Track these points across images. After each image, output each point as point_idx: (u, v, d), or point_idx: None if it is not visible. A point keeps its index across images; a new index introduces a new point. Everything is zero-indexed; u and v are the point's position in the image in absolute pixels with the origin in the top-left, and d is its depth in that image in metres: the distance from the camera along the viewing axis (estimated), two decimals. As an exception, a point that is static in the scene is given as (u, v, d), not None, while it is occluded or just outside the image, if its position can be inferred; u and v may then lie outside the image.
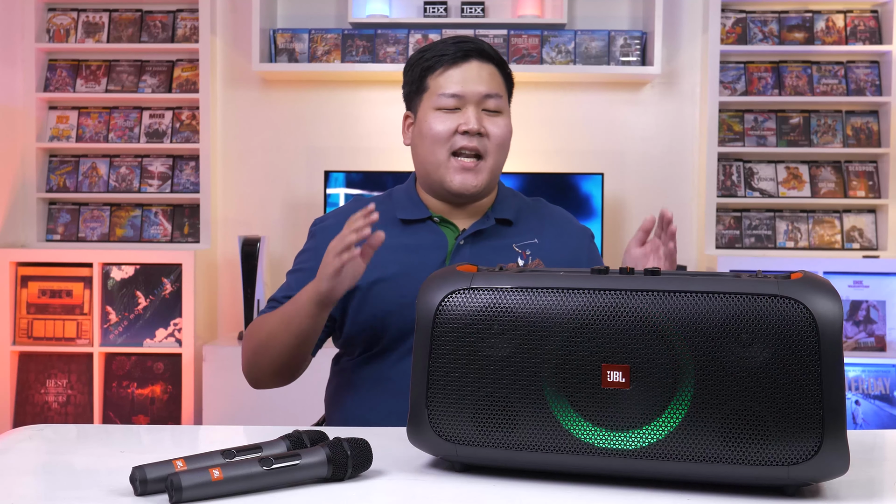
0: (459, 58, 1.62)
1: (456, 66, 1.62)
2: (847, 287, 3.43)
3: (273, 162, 3.78)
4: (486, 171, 1.62)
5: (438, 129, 1.61)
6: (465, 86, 1.61)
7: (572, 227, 1.74)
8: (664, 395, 1.00)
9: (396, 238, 1.64)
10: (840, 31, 3.70)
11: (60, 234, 3.75)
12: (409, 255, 1.62)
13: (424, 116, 1.64)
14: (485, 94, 1.62)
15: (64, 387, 3.49)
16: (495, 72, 1.65)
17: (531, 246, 1.66)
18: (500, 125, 1.64)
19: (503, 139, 1.64)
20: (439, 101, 1.62)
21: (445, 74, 1.62)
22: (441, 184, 1.63)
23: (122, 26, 3.73)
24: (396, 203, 1.70)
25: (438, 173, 1.62)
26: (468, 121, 1.60)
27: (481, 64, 1.63)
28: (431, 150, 1.62)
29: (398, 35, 3.64)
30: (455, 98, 1.61)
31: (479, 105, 1.62)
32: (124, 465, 1.05)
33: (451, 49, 1.63)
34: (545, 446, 1.04)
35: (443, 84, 1.62)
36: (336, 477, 1.04)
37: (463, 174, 1.61)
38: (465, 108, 1.61)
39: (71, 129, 3.74)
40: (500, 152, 1.64)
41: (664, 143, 3.76)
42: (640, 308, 1.02)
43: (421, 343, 1.09)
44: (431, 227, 1.67)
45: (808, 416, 0.97)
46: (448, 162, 1.61)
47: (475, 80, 1.61)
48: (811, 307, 0.98)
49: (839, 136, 3.69)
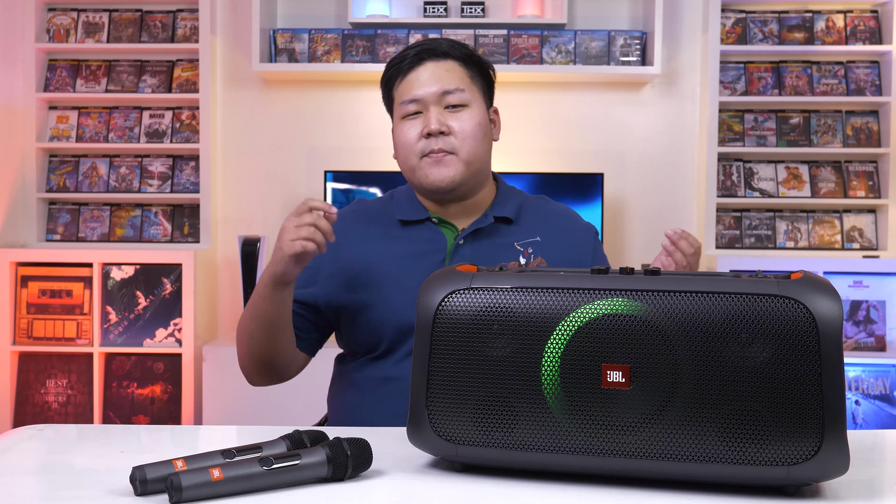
0: (415, 62, 1.63)
1: (412, 71, 1.63)
2: (847, 287, 3.43)
3: (273, 162, 3.78)
4: (460, 163, 1.61)
5: (406, 136, 1.63)
6: (419, 88, 1.62)
7: (576, 225, 1.73)
8: (664, 395, 1.00)
9: (395, 239, 1.64)
10: (840, 31, 3.70)
11: (60, 234, 3.75)
12: (409, 256, 1.62)
13: (395, 127, 1.67)
14: (441, 92, 1.61)
15: (64, 387, 3.49)
16: (454, 66, 1.64)
17: (533, 244, 1.66)
18: (464, 119, 1.62)
19: (470, 132, 1.62)
20: (402, 109, 1.64)
21: (404, 82, 1.64)
22: (420, 185, 1.64)
23: (122, 26, 3.73)
24: (396, 204, 1.70)
25: (416, 177, 1.64)
26: (429, 122, 1.60)
27: (437, 62, 1.63)
28: (404, 158, 1.64)
29: (398, 35, 3.64)
30: (414, 103, 1.62)
31: (440, 103, 1.62)
32: (124, 465, 1.05)
33: (409, 55, 1.64)
34: (545, 446, 1.04)
35: (402, 92, 1.64)
36: (336, 477, 1.04)
37: (435, 167, 1.61)
38: (426, 111, 1.62)
39: (71, 129, 3.74)
40: (471, 143, 1.62)
41: (664, 144, 3.76)
42: (641, 308, 1.02)
43: (421, 343, 1.09)
44: (430, 227, 1.67)
45: (808, 416, 0.97)
46: (420, 163, 1.62)
47: (429, 80, 1.62)
48: (811, 307, 0.98)
49: (839, 136, 3.69)
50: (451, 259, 1.63)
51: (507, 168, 3.63)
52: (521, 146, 3.71)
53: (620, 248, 3.76)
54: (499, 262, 1.58)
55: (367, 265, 1.62)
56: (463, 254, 1.63)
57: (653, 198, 3.76)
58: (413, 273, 1.58)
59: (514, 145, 3.68)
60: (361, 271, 1.62)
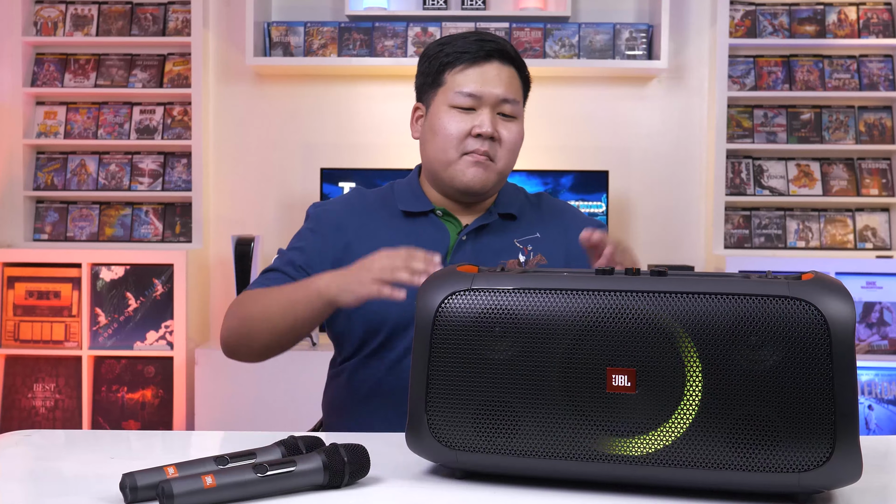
0: (481, 57, 1.62)
1: (476, 65, 1.62)
2: (860, 288, 3.43)
3: (267, 159, 3.79)
4: (495, 172, 1.63)
5: (451, 128, 1.62)
6: (483, 86, 1.61)
7: (576, 221, 1.74)
8: (671, 399, 1.00)
9: (397, 231, 1.64)
10: (853, 24, 3.70)
11: (48, 233, 3.76)
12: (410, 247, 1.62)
13: (437, 112, 1.64)
14: (502, 98, 1.62)
15: (52, 391, 3.49)
16: (514, 75, 1.65)
17: (532, 241, 1.67)
18: (514, 131, 1.64)
19: (514, 145, 1.65)
20: (455, 98, 1.62)
21: (465, 72, 1.62)
22: (451, 182, 1.64)
23: (111, 19, 3.73)
24: (398, 195, 1.71)
25: (448, 172, 1.63)
26: (482, 123, 1.60)
27: (501, 66, 1.63)
28: (442, 149, 1.63)
29: (397, 28, 3.64)
30: (472, 98, 1.61)
31: (495, 108, 1.62)
32: (114, 471, 1.05)
33: (474, 47, 1.63)
34: (548, 453, 1.04)
35: (461, 82, 1.62)
36: (332, 484, 1.04)
37: (475, 168, 1.61)
38: (480, 110, 1.62)
39: (59, 125, 3.74)
40: (509, 157, 1.65)
41: (671, 140, 3.76)
42: (647, 310, 1.02)
43: (420, 346, 1.09)
44: (434, 220, 1.67)
45: (819, 421, 0.97)
46: (459, 160, 1.62)
47: (494, 81, 1.62)
48: (822, 309, 0.98)
49: (851, 132, 3.69)
50: (453, 255, 1.64)
51: (508, 165, 3.63)
52: (524, 142, 3.70)
53: (626, 248, 3.75)
54: (500, 260, 1.59)
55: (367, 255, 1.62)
56: (465, 249, 1.64)
57: (659, 196, 3.76)
58: None
59: (517, 142, 3.67)
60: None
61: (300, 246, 1.66)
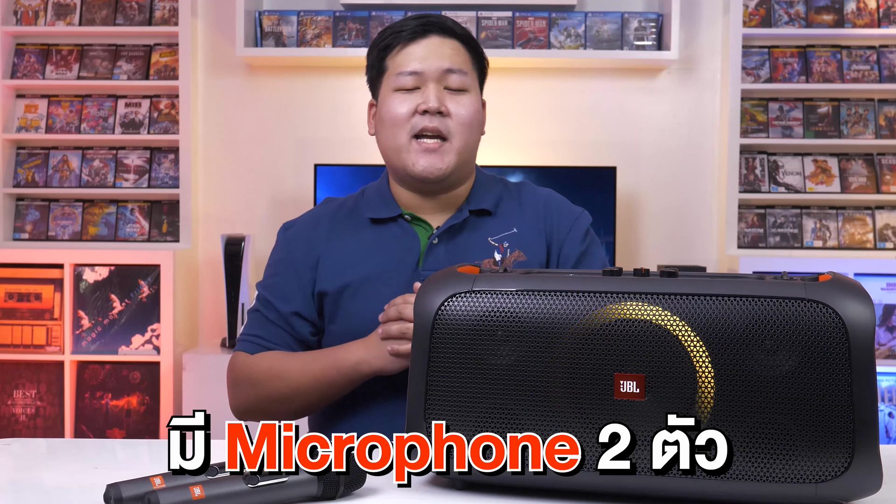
0: (418, 33, 1.61)
1: (414, 42, 1.61)
2: (880, 290, 3.43)
3: (259, 155, 3.79)
4: (452, 152, 1.60)
5: (397, 110, 1.60)
6: (423, 62, 1.60)
7: (559, 210, 1.70)
8: (682, 406, 1.00)
9: (365, 240, 1.64)
10: (872, 13, 3.70)
11: (29, 232, 3.76)
12: (380, 257, 1.62)
13: (384, 99, 1.63)
14: (446, 70, 1.60)
15: (32, 398, 3.49)
16: (459, 47, 1.63)
17: (509, 237, 1.64)
18: (465, 104, 1.61)
19: (468, 119, 1.61)
20: (397, 80, 1.61)
21: (403, 52, 1.62)
22: (404, 169, 1.62)
23: (95, 8, 3.73)
24: (367, 201, 1.69)
25: (400, 158, 1.61)
26: (427, 99, 1.58)
27: (443, 39, 1.62)
28: (392, 134, 1.62)
29: (394, 17, 3.64)
30: (414, 76, 1.60)
31: (441, 82, 1.60)
32: (98, 482, 1.05)
33: (410, 24, 1.62)
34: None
35: (401, 62, 1.61)
36: (327, 496, 1.04)
37: (427, 156, 1.59)
38: (424, 87, 1.60)
39: (40, 118, 3.75)
40: (466, 133, 1.61)
41: (682, 135, 3.77)
42: (656, 313, 1.02)
43: (419, 350, 1.09)
44: (403, 225, 1.65)
45: (837, 429, 0.97)
46: (409, 145, 1.60)
47: (435, 55, 1.61)
48: (841, 312, 0.98)
49: (871, 126, 3.70)
50: (424, 260, 1.61)
51: (511, 161, 3.63)
52: (527, 138, 3.71)
53: (634, 248, 3.76)
54: (475, 260, 1.57)
55: (339, 272, 1.62)
56: (437, 254, 1.61)
57: (670, 193, 3.76)
58: (384, 276, 1.59)
59: (520, 137, 3.68)
60: (334, 279, 1.62)
61: (273, 281, 1.67)
